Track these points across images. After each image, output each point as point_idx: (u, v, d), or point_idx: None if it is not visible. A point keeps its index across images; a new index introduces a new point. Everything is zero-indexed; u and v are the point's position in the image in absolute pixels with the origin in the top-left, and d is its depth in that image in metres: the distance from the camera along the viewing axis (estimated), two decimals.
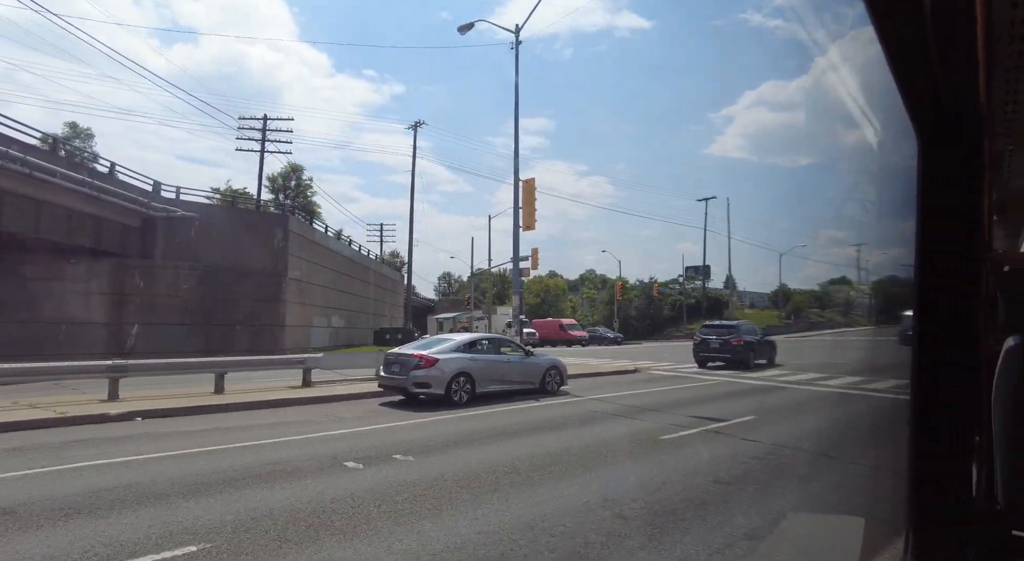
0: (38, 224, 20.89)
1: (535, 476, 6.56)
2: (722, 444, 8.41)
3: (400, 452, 7.62)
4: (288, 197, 45.90)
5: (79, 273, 24.22)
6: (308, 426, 9.54)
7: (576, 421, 10.41)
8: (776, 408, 12.00)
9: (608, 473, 6.79)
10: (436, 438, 8.62)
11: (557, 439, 8.68)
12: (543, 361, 14.28)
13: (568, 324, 50.86)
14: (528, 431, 9.32)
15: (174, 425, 9.58)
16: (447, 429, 9.40)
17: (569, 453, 7.69)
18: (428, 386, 11.80)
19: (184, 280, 26.95)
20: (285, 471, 6.63)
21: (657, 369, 21.15)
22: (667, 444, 8.37)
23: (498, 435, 8.99)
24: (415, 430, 9.41)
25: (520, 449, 7.94)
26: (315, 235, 35.38)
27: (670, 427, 9.58)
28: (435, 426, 9.72)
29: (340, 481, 6.33)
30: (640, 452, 7.88)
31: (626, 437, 8.87)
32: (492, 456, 7.55)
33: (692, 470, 6.89)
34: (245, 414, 10.81)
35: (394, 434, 9.06)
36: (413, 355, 12.30)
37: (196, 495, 5.75)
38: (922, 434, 1.39)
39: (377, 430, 9.39)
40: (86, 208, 22.76)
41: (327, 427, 9.46)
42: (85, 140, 51.01)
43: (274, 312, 29.66)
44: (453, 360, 12.22)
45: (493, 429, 9.49)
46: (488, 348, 13.43)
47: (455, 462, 7.22)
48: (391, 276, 56.69)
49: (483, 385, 12.48)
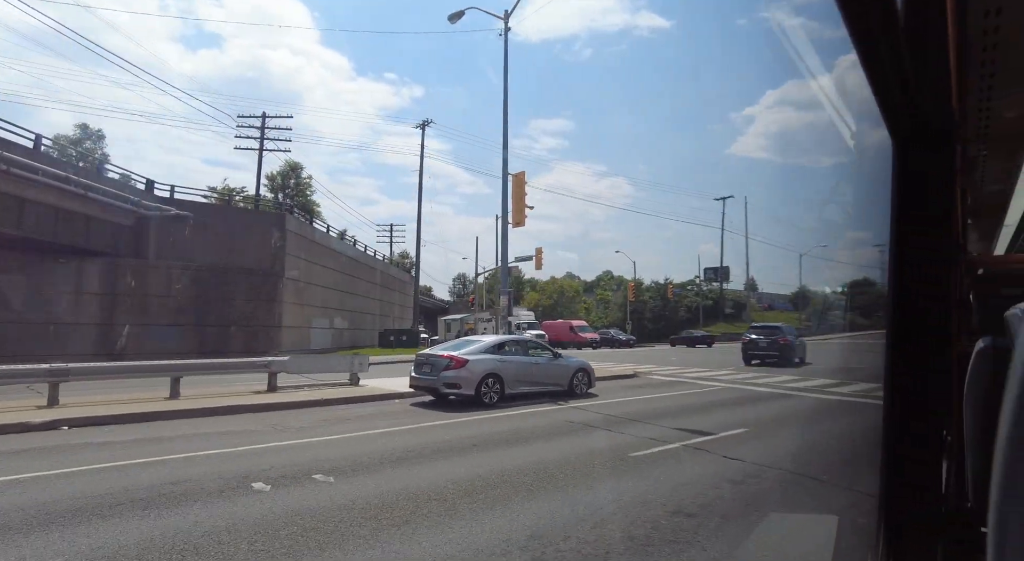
0: (20, 222, 20.44)
1: (460, 504, 5.60)
2: (698, 463, 7.36)
3: (324, 471, 6.72)
4: (288, 196, 45.29)
5: (68, 272, 23.82)
6: (245, 437, 8.69)
7: (545, 433, 9.40)
8: (774, 419, 10.87)
9: (550, 500, 5.79)
10: (374, 454, 7.69)
11: (509, 456, 7.70)
12: (571, 363, 14.14)
13: (578, 326, 49.74)
14: (488, 445, 8.35)
15: (103, 435, 8.80)
16: (392, 443, 8.47)
17: (516, 473, 6.71)
18: (458, 387, 11.91)
19: (177, 280, 26.45)
20: (176, 494, 5.76)
21: (659, 374, 20.03)
22: (635, 463, 7.34)
23: (452, 449, 8.03)
24: (361, 443, 8.51)
25: (458, 469, 6.98)
26: (315, 234, 34.75)
27: (646, 442, 8.55)
28: (386, 439, 8.81)
29: (232, 507, 5.43)
30: (599, 473, 6.87)
31: (590, 453, 7.85)
32: (422, 478, 6.60)
33: (651, 497, 5.86)
34: (190, 422, 10.00)
35: (329, 449, 8.15)
36: (443, 356, 12.40)
37: (49, 527, 4.88)
38: (895, 434, 1.41)
39: (314, 444, 8.49)
40: (74, 206, 22.30)
41: (263, 439, 8.60)
42: (96, 141, 51.31)
43: (270, 313, 29.06)
44: (482, 361, 12.25)
45: (458, 440, 8.53)
46: (517, 350, 13.41)
47: (377, 485, 6.28)
48: (399, 277, 56.06)
49: (512, 386, 12.51)
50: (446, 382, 11.93)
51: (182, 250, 27.02)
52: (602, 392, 14.36)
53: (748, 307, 64.45)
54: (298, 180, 46.94)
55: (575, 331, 47.37)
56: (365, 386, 14.39)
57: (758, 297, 74.32)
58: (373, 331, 44.43)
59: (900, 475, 1.39)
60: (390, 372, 20.06)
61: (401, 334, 41.41)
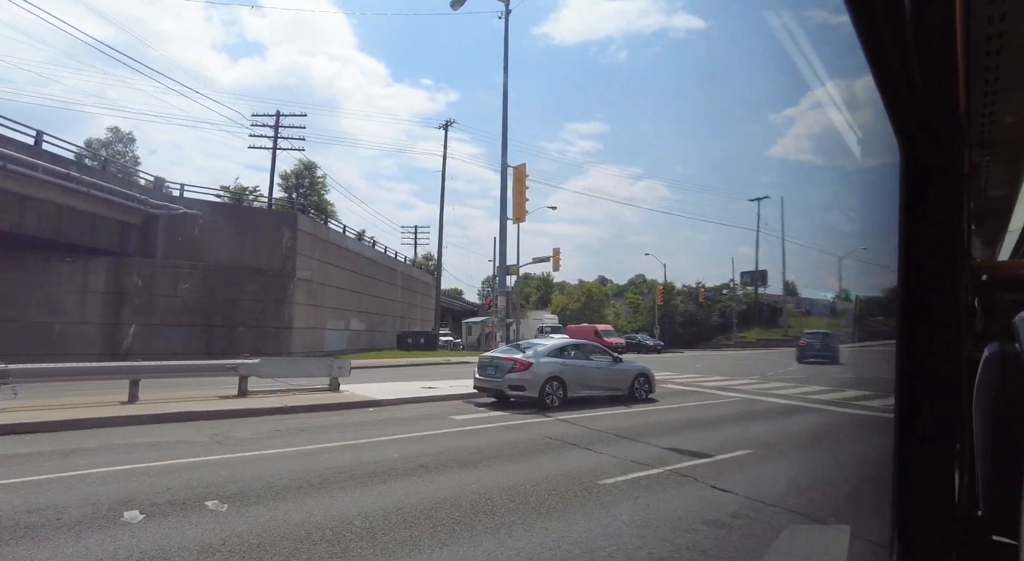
0: (21, 219, 20.20)
1: (353, 547, 4.46)
2: (677, 496, 6.06)
3: (224, 496, 5.68)
4: (302, 195, 44.84)
5: (74, 271, 23.57)
6: (170, 450, 7.73)
7: (524, 449, 8.19)
8: (785, 438, 9.41)
9: (472, 545, 4.61)
10: (302, 474, 6.61)
11: (469, 479, 6.53)
12: (632, 368, 14.01)
13: (603, 330, 48.13)
14: (454, 464, 7.20)
15: (10, 445, 7.89)
16: (335, 461, 7.39)
17: (468, 506, 5.54)
18: (523, 389, 12.08)
19: (185, 280, 26.05)
20: (21, 527, 4.78)
21: (675, 382, 18.55)
22: (600, 493, 6.09)
23: (388, 471, 6.89)
24: (298, 460, 7.45)
25: (378, 498, 5.85)
26: (329, 234, 34.14)
27: (625, 465, 7.28)
28: (332, 456, 7.74)
29: (72, 547, 4.41)
30: (549, 506, 5.63)
31: (550, 478, 6.60)
32: (327, 509, 5.48)
33: (598, 544, 4.63)
34: (132, 430, 9.10)
35: (255, 466, 7.08)
36: (508, 358, 12.56)
37: None
38: (905, 441, 1.39)
39: (244, 459, 7.46)
40: (77, 204, 22.03)
41: (191, 452, 7.63)
42: (127, 144, 52.15)
43: (279, 314, 28.48)
44: (546, 364, 12.40)
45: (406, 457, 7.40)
46: (579, 354, 13.43)
47: (272, 517, 5.17)
48: (422, 279, 55.34)
49: (574, 390, 12.55)
50: (511, 384, 12.10)
51: (191, 249, 26.64)
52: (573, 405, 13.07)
53: (785, 312, 61.60)
54: (312, 179, 46.61)
55: (600, 335, 45.74)
56: (345, 392, 13.39)
57: (797, 302, 71.24)
58: (393, 333, 43.73)
59: (912, 483, 1.37)
60: (387, 377, 19.12)
61: (419, 336, 40.57)
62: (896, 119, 1.31)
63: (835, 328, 55.48)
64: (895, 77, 1.14)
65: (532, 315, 56.56)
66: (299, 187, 45.48)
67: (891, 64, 1.10)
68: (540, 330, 50.72)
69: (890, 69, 1.11)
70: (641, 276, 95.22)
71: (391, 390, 13.93)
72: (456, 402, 13.09)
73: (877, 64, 1.10)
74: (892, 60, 1.08)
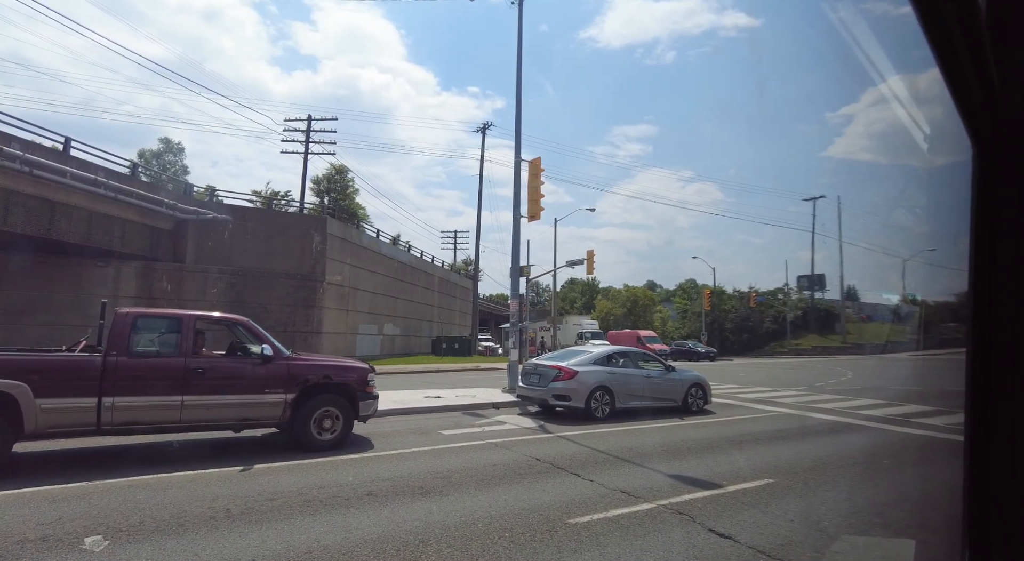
0: (51, 225, 20.46)
1: None
2: (659, 543, 4.84)
3: (116, 529, 4.84)
4: (333, 200, 44.82)
5: (105, 276, 23.87)
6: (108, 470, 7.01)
7: (500, 474, 7.10)
8: (817, 465, 7.95)
9: None
10: (229, 499, 5.74)
11: (413, 514, 5.49)
12: (686, 377, 13.21)
13: (646, 337, 46.28)
14: (407, 493, 6.20)
15: None
16: (273, 486, 6.49)
17: (392, 551, 4.52)
18: (567, 399, 11.51)
19: (214, 284, 26.09)
20: None
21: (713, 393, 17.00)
22: (565, 536, 4.94)
23: (365, 495, 5.93)
24: (230, 484, 6.59)
25: (310, 532, 4.87)
26: (361, 238, 33.83)
27: (612, 497, 6.09)
28: (268, 477, 6.85)
29: None
30: (491, 556, 4.52)
31: (512, 515, 5.47)
32: (220, 548, 4.55)
33: None
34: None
35: (179, 491, 6.27)
36: (552, 366, 11.95)
37: None
38: (978, 452, 1.27)
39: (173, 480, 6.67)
40: (107, 210, 22.26)
41: (124, 472, 6.88)
42: (177, 154, 53.78)
43: (309, 318, 28.22)
44: (592, 373, 11.75)
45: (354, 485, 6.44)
46: (627, 362, 12.71)
47: (151, 558, 4.29)
48: (461, 283, 54.80)
49: (623, 400, 11.94)
50: (555, 393, 11.55)
51: (220, 254, 26.70)
52: (561, 416, 11.81)
53: (843, 318, 58.01)
54: (344, 183, 46.59)
55: (642, 342, 43.97)
56: None
57: (856, 307, 67.13)
58: (430, 339, 43.23)
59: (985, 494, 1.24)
60: (402, 383, 18.33)
61: (453, 341, 39.89)
62: (967, 115, 1.19)
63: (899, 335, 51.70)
64: (966, 71, 1.04)
65: (571, 320, 55.23)
66: (330, 191, 45.53)
67: (961, 57, 1.00)
68: (580, 336, 49.30)
69: (960, 63, 1.01)
70: (692, 281, 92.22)
71: (389, 400, 13.05)
72: (455, 414, 12.08)
73: (945, 58, 1.00)
74: (962, 53, 0.98)
